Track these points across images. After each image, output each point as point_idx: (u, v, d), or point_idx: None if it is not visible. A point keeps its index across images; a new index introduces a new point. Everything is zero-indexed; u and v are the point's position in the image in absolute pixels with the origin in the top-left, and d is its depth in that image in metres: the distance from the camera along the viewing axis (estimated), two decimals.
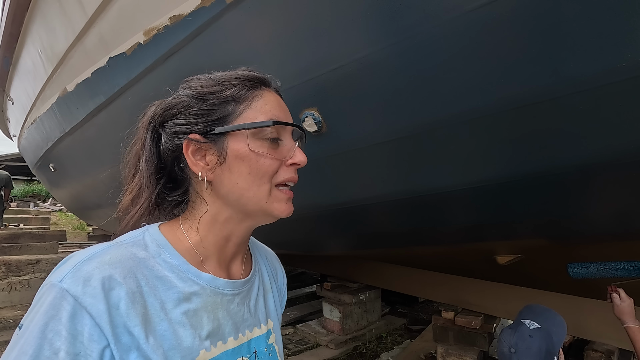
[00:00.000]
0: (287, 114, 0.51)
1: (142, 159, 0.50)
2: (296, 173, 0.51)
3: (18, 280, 3.48)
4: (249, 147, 0.47)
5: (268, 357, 0.54)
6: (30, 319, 0.38)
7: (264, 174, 0.47)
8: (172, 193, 0.51)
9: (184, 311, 0.45)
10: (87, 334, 0.38)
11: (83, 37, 1.79)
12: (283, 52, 1.14)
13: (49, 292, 0.39)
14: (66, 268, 0.40)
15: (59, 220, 11.47)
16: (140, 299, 0.42)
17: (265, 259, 0.64)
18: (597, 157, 0.91)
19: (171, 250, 0.47)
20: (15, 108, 3.58)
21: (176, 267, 0.46)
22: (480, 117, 0.97)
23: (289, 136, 0.50)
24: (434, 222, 1.51)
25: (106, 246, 0.44)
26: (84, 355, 0.37)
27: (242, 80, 0.49)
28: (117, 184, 2.23)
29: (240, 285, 0.52)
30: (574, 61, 0.77)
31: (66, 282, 0.39)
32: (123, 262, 0.42)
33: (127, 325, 0.40)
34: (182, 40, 1.34)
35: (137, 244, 0.46)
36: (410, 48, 0.94)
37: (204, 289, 0.47)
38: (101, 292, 0.39)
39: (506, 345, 1.14)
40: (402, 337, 3.52)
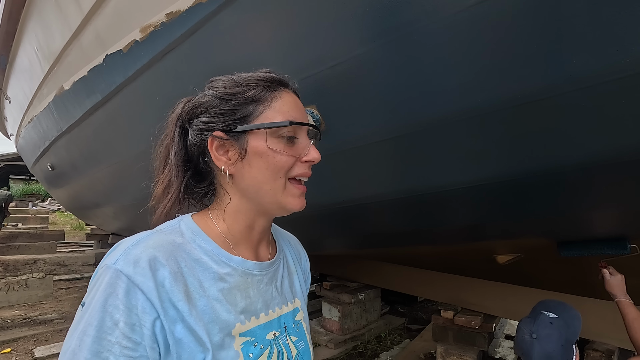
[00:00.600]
0: (303, 113, 0.55)
1: (171, 152, 0.55)
2: (310, 169, 0.55)
3: (16, 280, 3.47)
4: (267, 144, 0.51)
5: (296, 332, 0.60)
6: (92, 297, 0.45)
7: (280, 169, 0.52)
8: (199, 184, 0.57)
9: (220, 289, 0.51)
10: (140, 307, 0.44)
11: (79, 34, 1.77)
12: (281, 49, 1.13)
13: (105, 273, 0.45)
14: (118, 252, 0.47)
15: (58, 220, 11.44)
16: (181, 278, 0.48)
17: (289, 244, 0.70)
18: (600, 156, 0.90)
19: (204, 236, 0.53)
20: (12, 107, 3.56)
21: (210, 251, 0.52)
22: (480, 115, 0.96)
23: (305, 134, 0.55)
24: (434, 221, 1.49)
25: (149, 233, 0.51)
26: (139, 325, 0.43)
27: (262, 82, 0.53)
28: (117, 182, 2.20)
29: (267, 266, 0.58)
30: (577, 57, 0.76)
31: (119, 264, 0.45)
32: (164, 247, 0.48)
33: (172, 300, 0.46)
34: (179, 37, 1.32)
35: (174, 231, 0.52)
36: (410, 45, 0.93)
37: (235, 270, 0.53)
38: (149, 271, 0.45)
39: (527, 332, 1.15)
40: (402, 337, 3.52)
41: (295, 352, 0.58)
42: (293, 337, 0.59)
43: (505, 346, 3.20)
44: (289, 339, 0.58)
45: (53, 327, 3.58)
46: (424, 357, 2.86)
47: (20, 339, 3.28)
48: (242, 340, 0.51)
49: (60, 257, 3.81)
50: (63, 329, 3.54)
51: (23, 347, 3.13)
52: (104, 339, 0.42)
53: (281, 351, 0.56)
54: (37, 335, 3.36)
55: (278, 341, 0.56)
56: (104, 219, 3.92)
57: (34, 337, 3.33)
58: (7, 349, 3.06)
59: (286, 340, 0.57)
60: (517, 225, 1.40)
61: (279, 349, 0.55)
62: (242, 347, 0.51)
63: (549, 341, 1.11)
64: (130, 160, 2.20)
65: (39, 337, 3.35)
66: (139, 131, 1.93)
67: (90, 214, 4.24)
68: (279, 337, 0.56)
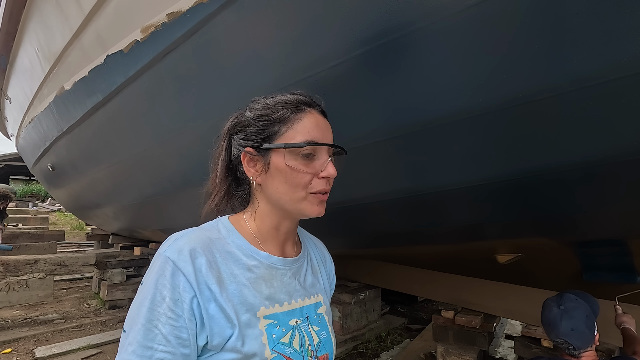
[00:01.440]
0: (324, 132, 0.62)
1: (220, 160, 0.67)
2: (328, 184, 0.62)
3: (16, 280, 3.47)
4: (285, 162, 0.60)
5: (318, 323, 0.67)
6: (148, 277, 0.56)
7: (297, 185, 0.60)
8: (237, 189, 0.67)
9: (248, 278, 0.60)
10: (181, 286, 0.54)
11: (80, 34, 1.77)
12: (282, 49, 1.13)
13: (158, 259, 0.56)
14: (168, 243, 0.58)
15: (58, 220, 11.44)
16: (215, 266, 0.57)
17: (315, 246, 0.79)
18: (601, 155, 0.90)
19: (237, 234, 0.63)
20: (12, 107, 3.56)
21: (241, 246, 0.62)
22: (481, 114, 0.96)
23: (325, 152, 0.62)
24: (434, 221, 1.49)
25: (193, 229, 0.62)
26: (180, 301, 0.53)
27: (288, 105, 0.62)
28: (117, 183, 2.19)
29: (291, 262, 0.66)
30: (578, 57, 0.76)
31: (168, 252, 0.56)
32: (203, 240, 0.59)
33: (207, 283, 0.56)
34: (179, 38, 1.32)
35: (212, 229, 0.63)
36: (410, 45, 0.93)
37: (261, 263, 0.62)
38: (189, 259, 0.56)
39: (555, 305, 1.26)
40: (402, 337, 3.52)
41: (317, 340, 0.65)
42: (315, 326, 0.66)
43: (506, 346, 3.20)
44: (311, 328, 0.65)
45: (53, 327, 3.58)
46: (425, 356, 2.86)
47: (20, 339, 3.28)
48: (266, 322, 0.59)
49: (60, 257, 3.81)
50: (63, 329, 3.54)
51: (24, 347, 3.13)
52: (154, 310, 0.53)
53: (302, 336, 0.63)
54: (37, 336, 3.36)
55: (300, 328, 0.63)
56: (104, 219, 3.92)
57: (34, 337, 3.33)
58: (8, 349, 3.06)
59: (308, 329, 0.65)
60: (518, 225, 1.40)
61: (300, 334, 0.63)
62: (266, 328, 0.59)
63: (576, 311, 1.21)
64: (130, 161, 2.20)
65: (39, 337, 3.35)
66: (140, 131, 1.94)
67: (90, 214, 4.24)
68: (301, 324, 0.64)
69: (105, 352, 3.11)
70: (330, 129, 0.65)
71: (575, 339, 1.18)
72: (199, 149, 1.71)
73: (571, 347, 1.19)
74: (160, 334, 0.52)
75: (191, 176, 1.89)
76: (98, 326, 3.68)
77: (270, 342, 0.58)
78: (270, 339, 0.59)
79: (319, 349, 0.65)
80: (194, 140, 1.66)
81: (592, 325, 1.21)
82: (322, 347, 0.66)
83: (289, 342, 0.60)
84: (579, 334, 1.18)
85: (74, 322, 3.71)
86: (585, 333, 1.19)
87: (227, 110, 1.39)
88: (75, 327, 3.61)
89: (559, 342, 1.21)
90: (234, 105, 1.36)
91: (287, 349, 0.59)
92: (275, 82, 1.19)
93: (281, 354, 0.58)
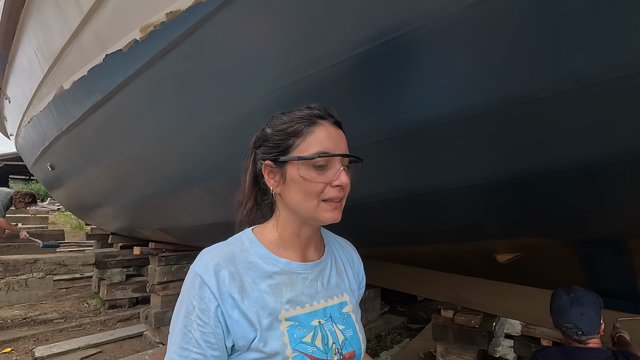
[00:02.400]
0: (337, 142, 0.66)
1: (247, 172, 0.73)
2: (342, 191, 0.66)
3: (16, 280, 3.46)
4: (298, 173, 0.64)
5: (343, 321, 0.71)
6: (183, 288, 0.65)
7: (310, 194, 0.64)
8: (263, 198, 0.73)
9: (269, 285, 0.65)
10: (207, 297, 0.61)
11: (79, 34, 1.77)
12: (281, 49, 1.13)
13: (190, 273, 0.64)
14: (197, 259, 0.66)
15: (58, 220, 11.43)
16: (237, 277, 0.64)
17: (341, 247, 0.83)
18: (600, 155, 0.90)
19: (259, 244, 0.69)
20: (12, 107, 3.55)
21: (262, 255, 0.68)
22: (480, 114, 0.96)
23: (338, 161, 0.65)
24: (434, 220, 1.49)
25: (219, 244, 0.69)
26: (207, 310, 0.61)
27: (302, 119, 0.66)
28: (116, 182, 2.18)
29: (312, 266, 0.71)
30: (577, 56, 0.76)
31: (196, 267, 0.64)
32: (226, 254, 0.66)
33: (230, 293, 0.62)
34: (179, 37, 1.32)
35: (237, 242, 0.69)
36: (410, 44, 0.93)
37: (282, 269, 0.67)
38: (213, 273, 0.62)
39: (565, 293, 1.33)
40: (402, 336, 3.52)
41: (342, 338, 0.69)
42: (340, 325, 0.70)
43: (505, 345, 3.20)
44: (335, 327, 0.69)
45: (53, 326, 3.58)
46: (424, 356, 2.86)
47: (20, 338, 3.28)
48: (287, 324, 0.64)
49: (60, 256, 3.80)
50: (63, 329, 3.54)
51: (23, 347, 3.13)
52: (188, 317, 0.61)
53: (325, 335, 0.67)
54: (37, 335, 3.36)
55: (323, 327, 0.67)
56: (104, 218, 3.92)
57: (34, 337, 3.33)
58: (8, 349, 3.06)
59: (332, 328, 0.68)
60: (517, 224, 1.40)
61: (323, 333, 0.67)
62: (287, 329, 0.64)
63: (585, 298, 1.28)
64: (130, 160, 2.20)
65: (39, 337, 3.35)
66: (139, 131, 1.93)
67: (90, 214, 4.23)
68: (324, 324, 0.68)
69: (105, 351, 3.11)
70: (344, 138, 0.69)
71: (584, 323, 1.23)
72: (198, 149, 1.70)
73: (580, 331, 1.24)
74: (193, 338, 0.60)
75: (190, 176, 1.89)
76: (98, 326, 3.68)
77: (291, 342, 0.63)
78: (292, 339, 0.63)
79: (344, 346, 0.68)
80: (193, 140, 1.66)
81: (599, 313, 1.26)
82: (347, 345, 0.69)
83: (312, 341, 0.65)
84: (588, 319, 1.24)
85: (73, 322, 3.71)
86: (594, 319, 1.24)
87: (226, 109, 1.40)
88: (75, 327, 3.61)
89: (569, 327, 1.26)
90: (233, 105, 1.37)
91: (310, 348, 0.64)
92: (275, 81, 1.19)
93: (303, 353, 0.63)
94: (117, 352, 3.11)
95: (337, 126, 0.69)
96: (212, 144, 1.61)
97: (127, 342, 3.33)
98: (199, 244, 3.14)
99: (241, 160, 0.76)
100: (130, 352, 3.12)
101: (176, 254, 3.48)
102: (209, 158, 1.68)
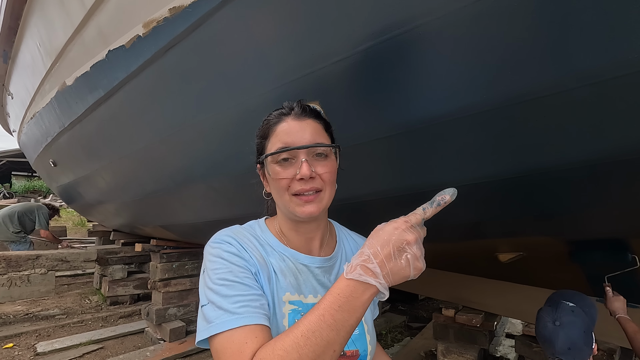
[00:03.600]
0: (296, 135, 0.66)
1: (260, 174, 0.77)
2: (307, 184, 0.65)
3: (18, 276, 3.48)
4: (268, 171, 0.68)
5: None
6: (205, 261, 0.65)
7: (280, 189, 0.66)
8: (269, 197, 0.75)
9: (279, 267, 0.67)
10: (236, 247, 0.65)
11: (82, 30, 1.76)
12: (285, 45, 1.12)
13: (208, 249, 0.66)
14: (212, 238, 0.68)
15: (60, 216, 11.44)
16: (255, 249, 0.67)
17: (356, 244, 0.82)
18: (606, 153, 0.89)
19: (269, 233, 0.72)
20: (14, 103, 3.56)
21: (272, 243, 0.70)
22: (485, 111, 0.95)
23: (302, 154, 0.65)
24: (436, 219, 1.48)
25: (231, 227, 0.72)
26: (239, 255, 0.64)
27: (268, 121, 0.70)
28: (119, 179, 2.18)
29: (319, 261, 0.72)
30: (584, 53, 0.75)
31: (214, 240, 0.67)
32: (241, 232, 0.70)
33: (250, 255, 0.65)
34: (182, 33, 1.31)
35: (250, 228, 0.73)
36: (415, 40, 0.92)
37: (289, 258, 0.69)
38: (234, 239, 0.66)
39: (550, 320, 1.19)
40: (402, 335, 3.52)
41: None
42: None
43: (506, 344, 3.20)
44: None
45: (55, 322, 3.60)
46: (425, 354, 2.86)
47: (22, 334, 3.29)
48: (290, 307, 0.64)
49: (62, 253, 3.81)
50: (65, 325, 3.56)
51: (25, 342, 3.15)
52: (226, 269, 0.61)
53: None
54: (39, 331, 3.38)
55: None
56: (106, 215, 3.93)
57: (36, 333, 3.35)
58: (10, 344, 3.07)
59: None
60: (520, 223, 1.39)
61: None
62: (289, 312, 0.64)
63: (573, 328, 1.14)
64: (132, 157, 2.20)
65: (41, 333, 3.36)
66: (141, 128, 1.93)
67: (91, 211, 4.24)
68: None
69: (106, 347, 3.12)
70: (311, 128, 0.67)
71: (572, 357, 1.13)
72: (200, 146, 1.70)
73: None
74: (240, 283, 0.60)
75: (192, 173, 1.89)
76: (99, 322, 3.69)
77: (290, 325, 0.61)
78: (292, 323, 0.62)
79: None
80: (196, 137, 1.66)
81: (590, 338, 1.16)
82: (350, 343, 0.67)
83: None
84: (577, 351, 1.13)
85: (75, 318, 3.72)
86: (583, 349, 1.14)
87: (229, 106, 1.40)
88: (77, 323, 3.62)
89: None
90: (236, 102, 1.37)
91: None
92: (278, 78, 1.18)
93: None
94: (119, 348, 3.12)
95: (306, 117, 0.68)
96: (214, 140, 1.61)
97: (128, 339, 3.34)
98: (200, 241, 3.15)
99: (243, 158, 0.77)
100: (131, 348, 3.13)
101: (178, 251, 3.49)
102: (211, 155, 1.68)
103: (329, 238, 0.77)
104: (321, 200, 0.66)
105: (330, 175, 0.66)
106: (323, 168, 0.65)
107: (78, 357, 2.89)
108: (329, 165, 0.66)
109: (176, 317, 3.38)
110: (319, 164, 0.65)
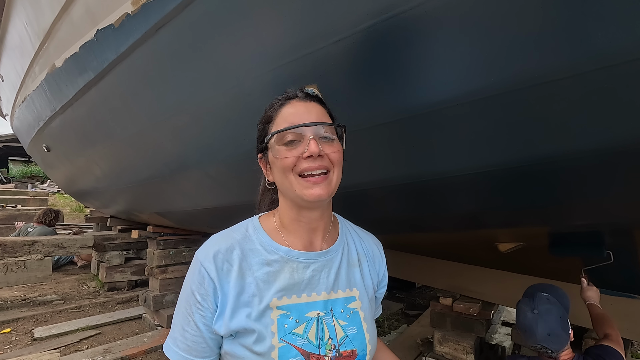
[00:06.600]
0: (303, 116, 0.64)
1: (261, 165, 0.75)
2: (315, 162, 0.62)
3: (14, 262, 3.46)
4: (273, 153, 0.66)
5: (346, 317, 0.67)
6: (187, 275, 0.67)
7: (285, 169, 0.63)
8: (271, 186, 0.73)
9: (266, 272, 0.65)
10: (206, 282, 0.63)
11: (69, 8, 1.68)
12: (281, 23, 1.06)
13: (193, 259, 0.67)
14: (202, 246, 0.68)
15: (57, 202, 11.42)
16: (236, 264, 0.65)
17: (360, 240, 0.80)
18: (619, 142, 0.84)
19: (262, 231, 0.70)
20: (5, 86, 3.47)
21: (264, 242, 0.68)
22: (491, 95, 0.90)
23: (309, 132, 0.63)
24: (436, 208, 1.45)
25: (223, 232, 0.70)
26: (205, 294, 0.63)
27: (272, 106, 0.69)
28: (113, 165, 2.11)
29: (316, 255, 0.69)
30: (602, 32, 0.70)
31: (199, 254, 0.67)
32: (227, 241, 0.67)
33: (227, 278, 0.64)
34: (173, 10, 1.24)
35: (240, 229, 0.71)
36: (419, 18, 0.86)
37: (281, 257, 0.67)
38: (212, 259, 0.64)
39: (528, 309, 1.29)
40: (399, 322, 3.55)
41: (342, 334, 0.66)
42: (341, 320, 0.66)
43: (502, 332, 3.22)
44: (336, 322, 0.66)
45: (52, 308, 3.60)
46: (421, 342, 2.88)
47: (20, 319, 3.30)
48: (278, 312, 0.63)
49: (58, 239, 3.79)
50: (62, 310, 3.56)
51: (23, 328, 3.15)
52: (189, 301, 0.64)
53: (321, 329, 0.64)
54: (36, 316, 3.38)
55: (321, 320, 0.65)
56: (102, 201, 3.89)
57: (33, 318, 3.35)
58: (7, 329, 3.08)
59: (332, 322, 0.66)
60: (522, 213, 1.36)
61: (319, 327, 0.64)
62: (278, 318, 0.63)
63: (550, 315, 1.24)
64: (125, 142, 2.14)
65: (38, 318, 3.37)
66: (134, 112, 1.87)
67: (87, 197, 4.20)
68: (323, 317, 0.65)
69: (104, 333, 3.13)
70: (316, 109, 0.67)
71: (552, 342, 1.23)
72: (193, 131, 1.64)
73: (549, 350, 1.24)
74: (192, 321, 0.63)
75: (187, 159, 1.84)
76: (97, 307, 3.70)
77: (280, 332, 0.61)
78: (281, 328, 0.61)
79: (342, 343, 0.65)
80: (190, 122, 1.60)
81: (567, 324, 1.26)
82: (348, 343, 0.65)
83: (303, 333, 0.62)
84: (556, 337, 1.23)
85: (72, 304, 3.73)
86: (561, 335, 1.23)
87: (222, 89, 1.34)
88: (74, 308, 3.63)
89: (538, 348, 1.26)
90: (230, 85, 1.30)
91: (300, 340, 0.62)
92: (274, 59, 1.12)
93: (290, 344, 0.61)
94: (116, 334, 3.13)
95: (310, 100, 0.68)
96: (208, 125, 1.55)
97: (126, 324, 3.35)
98: (197, 228, 3.12)
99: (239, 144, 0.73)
100: (129, 334, 3.14)
101: (174, 238, 3.46)
102: (205, 140, 1.63)
103: (332, 230, 0.74)
104: (330, 182, 0.63)
105: (338, 155, 0.65)
106: (331, 148, 0.63)
107: (75, 342, 2.90)
108: (336, 146, 0.65)
109: (173, 304, 3.38)
110: (327, 145, 0.64)
